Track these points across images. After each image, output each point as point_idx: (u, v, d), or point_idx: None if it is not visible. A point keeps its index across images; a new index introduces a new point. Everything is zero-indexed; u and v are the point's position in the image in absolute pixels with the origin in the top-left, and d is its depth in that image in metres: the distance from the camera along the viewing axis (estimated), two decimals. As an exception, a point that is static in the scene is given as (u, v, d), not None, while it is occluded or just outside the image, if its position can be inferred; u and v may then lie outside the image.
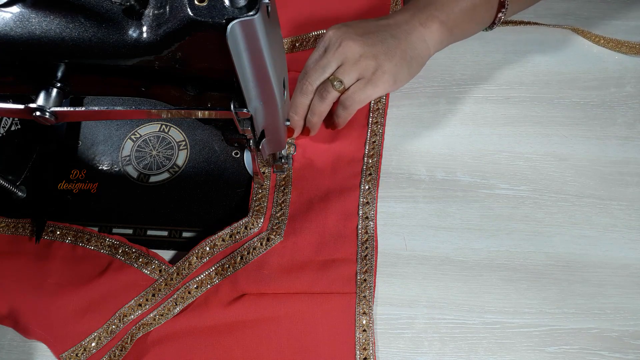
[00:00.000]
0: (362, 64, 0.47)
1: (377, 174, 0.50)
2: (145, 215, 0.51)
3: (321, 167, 0.51)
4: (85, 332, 0.45)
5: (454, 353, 0.45)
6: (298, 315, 0.45)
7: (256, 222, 0.49)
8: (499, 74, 0.57)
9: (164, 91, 0.35)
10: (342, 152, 0.52)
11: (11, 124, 0.53)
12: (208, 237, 0.48)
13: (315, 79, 0.48)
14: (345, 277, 0.46)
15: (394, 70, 0.48)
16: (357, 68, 0.47)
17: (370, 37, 0.48)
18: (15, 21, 0.28)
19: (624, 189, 0.51)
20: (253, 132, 0.37)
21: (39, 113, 0.31)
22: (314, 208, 0.49)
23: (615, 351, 0.44)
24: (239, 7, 0.26)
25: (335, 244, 0.48)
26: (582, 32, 0.57)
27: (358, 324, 0.45)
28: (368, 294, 0.46)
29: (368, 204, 0.49)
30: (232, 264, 0.47)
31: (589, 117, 0.54)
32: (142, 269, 0.47)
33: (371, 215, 0.49)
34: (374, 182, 0.50)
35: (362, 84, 0.48)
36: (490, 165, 0.52)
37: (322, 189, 0.50)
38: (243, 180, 0.52)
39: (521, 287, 0.47)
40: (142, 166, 0.54)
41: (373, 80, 0.47)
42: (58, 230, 0.49)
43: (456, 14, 0.50)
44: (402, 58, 0.48)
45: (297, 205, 0.50)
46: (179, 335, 0.45)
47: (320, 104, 0.48)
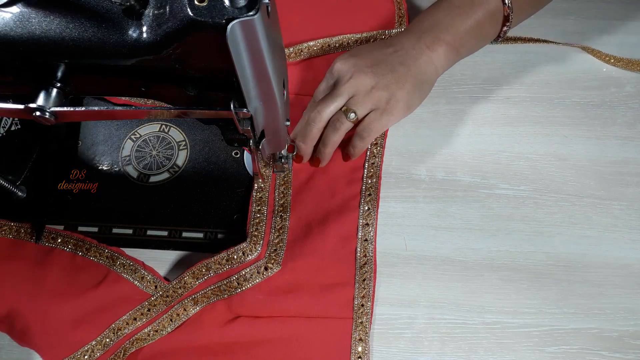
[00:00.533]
0: (375, 95, 0.47)
1: (376, 195, 0.50)
2: (145, 215, 0.51)
3: (320, 189, 0.51)
4: (79, 343, 0.45)
5: (454, 353, 0.45)
6: (293, 339, 0.45)
7: (254, 248, 0.48)
8: (499, 74, 0.57)
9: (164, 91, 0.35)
10: (341, 173, 0.51)
11: (11, 124, 0.53)
12: (204, 259, 0.47)
13: (325, 109, 0.48)
14: (343, 301, 0.46)
15: (406, 97, 0.48)
16: (370, 99, 0.47)
17: (380, 67, 0.48)
18: (15, 21, 0.28)
19: (624, 189, 0.51)
20: (253, 132, 0.37)
21: (39, 113, 0.31)
22: (313, 232, 0.48)
23: (615, 351, 0.44)
24: (239, 7, 0.26)
25: (333, 267, 0.47)
26: (592, 51, 0.57)
27: (353, 351, 0.44)
28: (365, 320, 0.45)
29: (367, 225, 0.49)
30: (229, 288, 0.46)
31: (589, 117, 0.54)
32: (137, 283, 0.47)
33: (370, 237, 0.48)
34: (373, 202, 0.49)
35: (378, 114, 0.48)
36: (490, 165, 0.52)
37: (320, 212, 0.50)
38: (243, 180, 0.52)
39: (521, 287, 0.47)
40: (142, 166, 0.54)
41: (388, 110, 0.48)
42: (60, 238, 0.49)
43: (462, 34, 0.49)
44: (413, 85, 0.48)
45: (296, 231, 0.49)
46: (172, 353, 0.45)
47: (334, 135, 0.48)
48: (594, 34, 0.59)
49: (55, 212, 0.51)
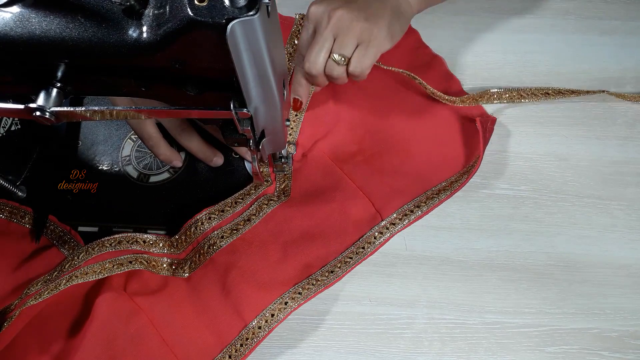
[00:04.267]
0: (357, 28, 0.46)
1: None
2: (145, 215, 0.51)
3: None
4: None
5: (454, 353, 0.45)
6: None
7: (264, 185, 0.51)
8: (499, 74, 0.57)
9: (164, 91, 0.35)
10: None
11: (11, 124, 0.53)
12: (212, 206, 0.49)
13: (317, 58, 0.47)
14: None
15: (387, 26, 0.47)
16: (353, 34, 0.46)
17: (356, 3, 0.47)
18: (15, 21, 0.28)
19: (624, 189, 0.51)
20: (253, 132, 0.37)
21: (39, 113, 0.31)
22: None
23: (615, 351, 0.44)
24: (239, 7, 0.26)
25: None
26: (618, 95, 0.55)
27: None
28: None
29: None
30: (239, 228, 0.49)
31: (589, 117, 0.54)
32: (60, 248, 0.48)
33: None
34: None
35: (364, 48, 0.47)
36: (490, 165, 0.52)
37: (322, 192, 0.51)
38: (243, 180, 0.52)
39: (521, 287, 0.47)
40: (142, 166, 0.53)
41: (372, 42, 0.47)
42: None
43: None
44: (391, 16, 0.48)
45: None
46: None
47: (330, 82, 0.48)
48: (594, 34, 0.59)
49: (55, 212, 0.51)
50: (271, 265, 0.47)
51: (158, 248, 0.48)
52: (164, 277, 0.48)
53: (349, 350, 0.45)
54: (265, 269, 0.47)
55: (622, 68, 0.57)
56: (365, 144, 0.53)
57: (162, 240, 0.49)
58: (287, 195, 0.50)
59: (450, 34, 0.59)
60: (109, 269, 0.46)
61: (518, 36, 0.59)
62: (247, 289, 0.46)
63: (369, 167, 0.52)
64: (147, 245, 0.48)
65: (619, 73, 0.56)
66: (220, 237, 0.48)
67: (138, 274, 0.47)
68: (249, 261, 0.47)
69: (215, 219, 0.49)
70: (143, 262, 0.47)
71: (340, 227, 0.49)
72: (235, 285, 0.46)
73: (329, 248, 0.48)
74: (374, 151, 0.53)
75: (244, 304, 0.45)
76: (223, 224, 0.49)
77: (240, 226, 0.49)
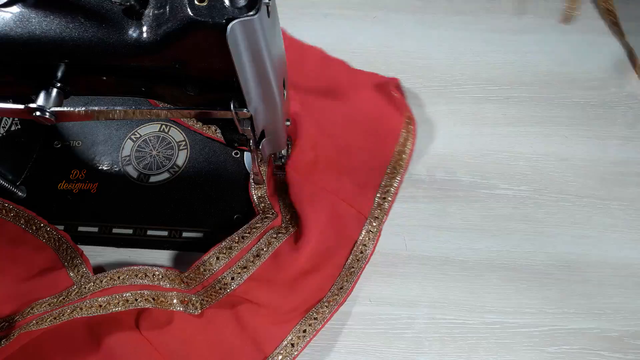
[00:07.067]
0: None
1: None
2: (145, 215, 0.51)
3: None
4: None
5: (454, 353, 0.45)
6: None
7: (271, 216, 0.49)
8: (499, 74, 0.57)
9: (164, 91, 0.35)
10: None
11: (11, 124, 0.53)
12: (217, 244, 0.48)
13: None
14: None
15: None
16: None
17: None
18: (15, 21, 0.28)
19: (624, 189, 0.51)
20: (253, 132, 0.37)
21: (39, 113, 0.31)
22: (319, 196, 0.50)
23: (615, 351, 0.44)
24: (239, 7, 0.26)
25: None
26: None
27: None
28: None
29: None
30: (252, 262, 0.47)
31: (589, 117, 0.54)
32: (70, 272, 0.47)
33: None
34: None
35: None
36: (490, 165, 0.52)
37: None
38: (243, 180, 0.52)
39: (521, 287, 0.47)
40: (142, 166, 0.53)
41: None
42: (13, 212, 0.50)
43: None
44: None
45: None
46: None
47: None
48: (594, 34, 0.59)
49: (55, 212, 0.51)
50: (284, 297, 0.46)
51: (168, 281, 0.47)
52: (174, 312, 0.46)
53: (349, 351, 0.45)
54: (278, 300, 0.45)
55: (622, 68, 0.57)
56: (319, 148, 0.52)
57: (172, 274, 0.47)
58: (294, 226, 0.49)
59: (450, 34, 0.59)
60: (114, 304, 0.45)
61: (518, 36, 0.59)
62: (263, 323, 0.45)
63: (332, 171, 0.51)
64: (157, 279, 0.47)
65: (619, 73, 0.56)
66: (231, 279, 0.46)
67: (148, 309, 0.46)
68: (262, 297, 0.46)
69: (223, 259, 0.47)
70: (150, 301, 0.46)
71: (336, 239, 0.48)
72: (250, 320, 0.45)
73: (333, 264, 0.47)
74: (328, 153, 0.52)
75: (262, 337, 0.44)
76: (232, 264, 0.47)
77: (250, 263, 0.47)
